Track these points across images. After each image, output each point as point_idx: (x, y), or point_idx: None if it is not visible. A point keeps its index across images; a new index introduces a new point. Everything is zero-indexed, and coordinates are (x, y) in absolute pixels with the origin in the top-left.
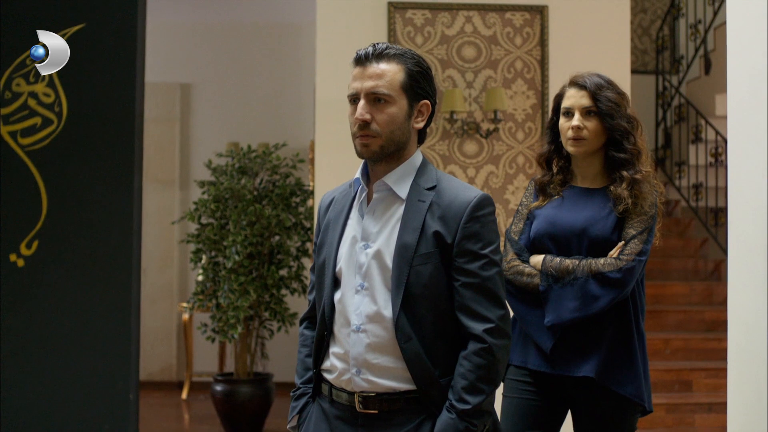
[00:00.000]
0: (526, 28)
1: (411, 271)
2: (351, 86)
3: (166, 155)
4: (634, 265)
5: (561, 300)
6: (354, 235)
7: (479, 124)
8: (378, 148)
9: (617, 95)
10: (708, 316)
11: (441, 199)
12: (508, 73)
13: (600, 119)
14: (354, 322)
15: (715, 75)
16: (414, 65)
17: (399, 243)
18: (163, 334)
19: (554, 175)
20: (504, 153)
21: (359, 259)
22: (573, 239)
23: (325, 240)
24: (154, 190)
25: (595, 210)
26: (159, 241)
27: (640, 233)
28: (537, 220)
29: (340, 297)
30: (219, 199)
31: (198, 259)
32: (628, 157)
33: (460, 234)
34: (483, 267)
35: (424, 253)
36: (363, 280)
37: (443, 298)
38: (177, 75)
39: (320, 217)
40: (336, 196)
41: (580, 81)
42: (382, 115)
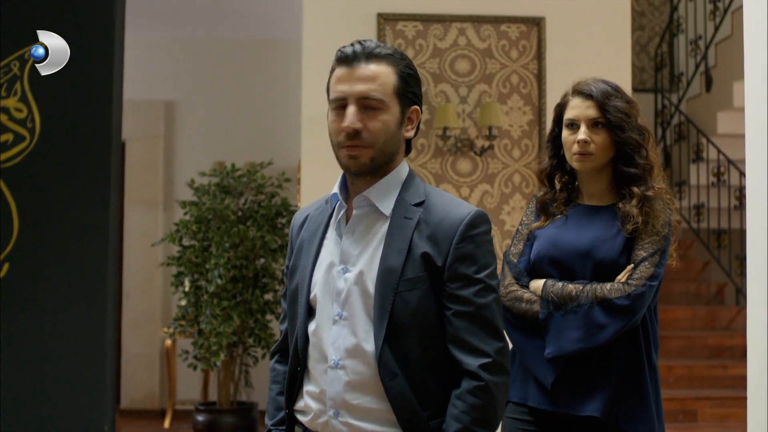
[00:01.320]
0: (523, 40)
1: (396, 298)
2: (335, 89)
3: (149, 175)
4: (644, 290)
5: (563, 329)
6: (331, 258)
7: (473, 141)
8: (368, 160)
9: (626, 104)
10: (712, 341)
11: (430, 217)
12: (504, 88)
13: (609, 132)
14: (331, 357)
15: (716, 92)
16: (405, 67)
17: (382, 266)
18: (146, 361)
19: (557, 192)
20: (499, 171)
21: (337, 284)
22: (577, 262)
23: (298, 263)
24: (136, 211)
25: (602, 230)
26: (141, 263)
27: (651, 255)
28: (538, 241)
29: (315, 328)
30: (201, 219)
31: (179, 282)
32: (639, 172)
33: (452, 256)
34: (478, 293)
35: (411, 278)
36: (342, 308)
37: (433, 328)
38: (161, 92)
39: (293, 238)
40: (311, 213)
41: (586, 89)
42: (374, 122)
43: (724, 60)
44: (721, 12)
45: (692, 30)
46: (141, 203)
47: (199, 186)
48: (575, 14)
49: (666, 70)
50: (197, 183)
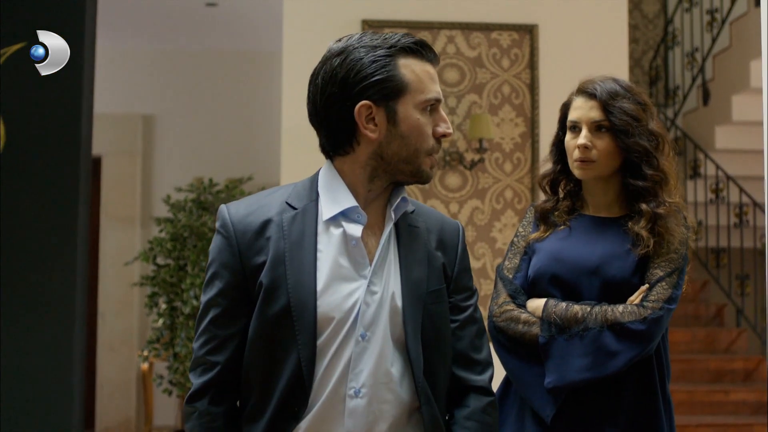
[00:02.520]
0: (514, 49)
1: (424, 313)
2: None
3: (126, 191)
4: (661, 314)
5: (567, 356)
6: (343, 271)
7: (463, 154)
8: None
9: (636, 106)
10: (712, 365)
11: (431, 226)
12: (495, 99)
13: (613, 136)
14: (350, 384)
15: (714, 106)
16: None
17: (407, 278)
18: (122, 385)
19: (560, 200)
20: (490, 186)
21: (362, 299)
22: (583, 280)
23: (280, 281)
24: (113, 229)
25: (612, 244)
26: (118, 283)
27: (668, 275)
28: (538, 255)
29: (329, 353)
30: (177, 237)
31: (153, 303)
32: (648, 185)
33: (458, 266)
34: (476, 305)
35: (436, 290)
36: (366, 328)
37: (448, 345)
38: (139, 105)
39: (241, 247)
40: (274, 218)
41: (590, 88)
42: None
43: (722, 72)
44: (718, 23)
45: (688, 42)
46: (118, 220)
47: (176, 202)
48: (570, 21)
49: (661, 84)
50: (174, 199)
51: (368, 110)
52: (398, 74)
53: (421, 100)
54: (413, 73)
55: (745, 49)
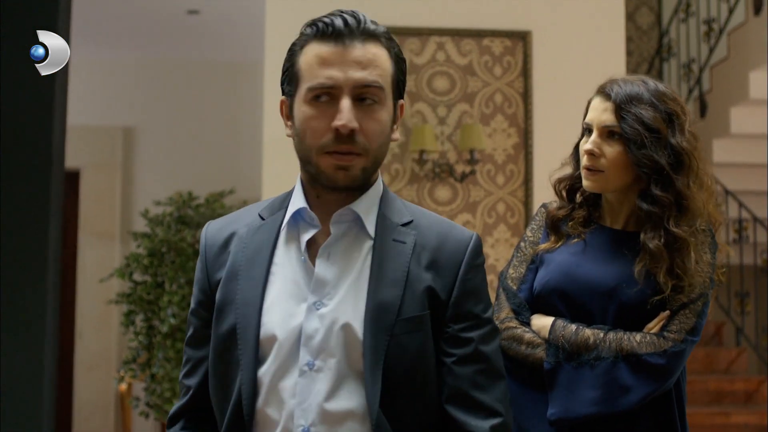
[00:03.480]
0: (507, 56)
1: (391, 344)
2: (319, 73)
3: (105, 205)
4: (683, 348)
5: (575, 386)
6: (294, 289)
7: (453, 165)
8: (360, 171)
9: (657, 114)
10: (712, 386)
11: (426, 240)
12: (486, 108)
13: (624, 146)
14: (298, 421)
15: (711, 118)
16: (398, 50)
17: (373, 302)
18: (100, 406)
19: (575, 208)
20: (482, 200)
21: (308, 323)
22: (595, 301)
23: (232, 296)
24: (91, 244)
25: (631, 264)
26: (96, 301)
27: (692, 302)
28: (546, 267)
29: (269, 382)
30: (154, 253)
31: (130, 321)
32: (652, 210)
33: (458, 289)
34: (486, 337)
35: (411, 318)
36: (313, 356)
37: (430, 382)
38: (119, 117)
39: (209, 261)
40: (239, 230)
41: (608, 88)
42: (371, 122)
43: (719, 84)
44: (716, 33)
45: (684, 53)
46: (96, 236)
47: (154, 216)
48: (564, 27)
49: None
50: (152, 213)
51: (283, 106)
52: (296, 63)
53: (306, 89)
54: (305, 58)
55: (744, 60)
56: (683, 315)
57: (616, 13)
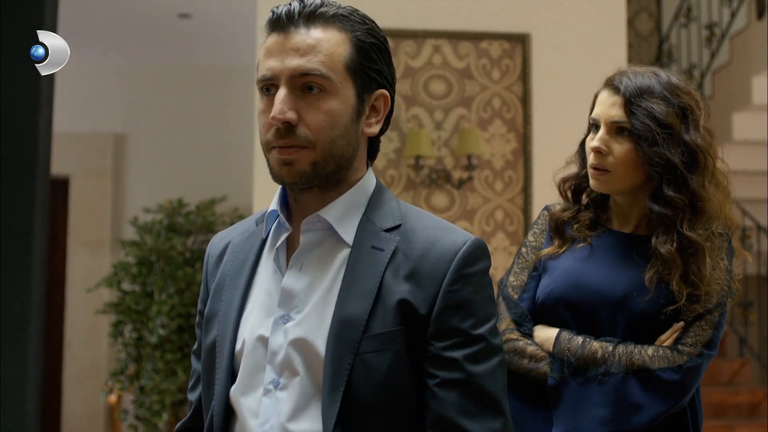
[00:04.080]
0: (505, 59)
1: (356, 363)
2: (263, 66)
3: (95, 213)
4: (700, 363)
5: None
6: (267, 301)
7: (450, 171)
8: (308, 167)
9: (670, 108)
10: (715, 398)
11: (410, 247)
12: (484, 112)
13: (634, 143)
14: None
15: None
16: (365, 33)
17: (338, 316)
18: (89, 419)
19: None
20: (479, 207)
21: (273, 339)
22: (604, 312)
23: (217, 308)
24: (81, 253)
25: (643, 270)
26: (85, 311)
27: (709, 312)
28: (550, 274)
29: (239, 399)
30: (144, 261)
31: (118, 332)
32: (665, 212)
33: (441, 302)
34: (477, 356)
35: (380, 334)
36: (278, 373)
37: (406, 407)
38: (109, 124)
39: (208, 273)
40: (233, 239)
41: (617, 81)
42: (316, 113)
43: (722, 90)
44: (718, 38)
45: (685, 59)
46: (86, 244)
47: (143, 224)
48: (564, 30)
49: None
50: (142, 220)
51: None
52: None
53: (257, 80)
54: (262, 51)
55: (747, 65)
56: (699, 327)
57: (617, 15)
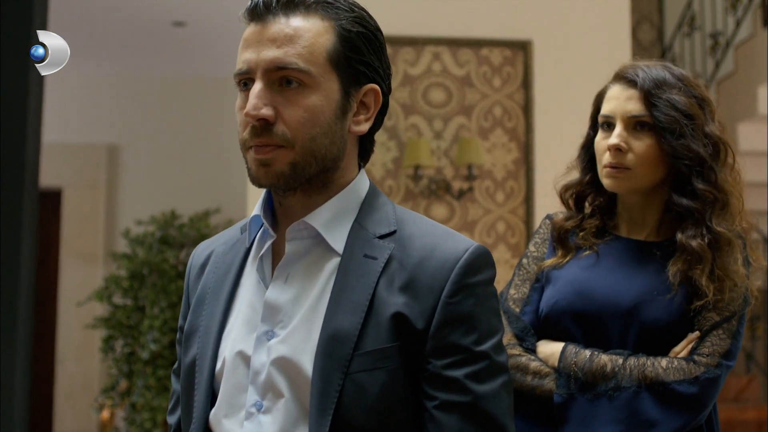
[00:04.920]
0: (507, 66)
1: (347, 383)
2: (239, 59)
3: (88, 226)
4: (718, 374)
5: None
6: (250, 316)
7: (450, 182)
8: (287, 167)
9: (690, 99)
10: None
11: (406, 255)
12: (485, 121)
13: (656, 137)
14: None
15: None
16: (352, 22)
17: (326, 331)
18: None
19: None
20: (480, 218)
21: (256, 357)
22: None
23: (197, 324)
24: (73, 266)
25: (654, 278)
26: (78, 325)
27: (726, 320)
28: (554, 285)
29: (221, 422)
30: (135, 275)
31: (109, 347)
32: (694, 206)
33: (440, 316)
34: (480, 375)
35: (373, 351)
36: (261, 395)
37: (403, 431)
38: (102, 135)
39: (189, 286)
40: (216, 249)
41: (630, 73)
42: (294, 109)
43: (726, 100)
44: (722, 47)
45: (689, 69)
46: (79, 257)
47: (136, 237)
48: (566, 37)
49: None
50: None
51: None
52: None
53: (233, 76)
54: (240, 43)
55: (752, 74)
56: (716, 336)
57: (621, 21)
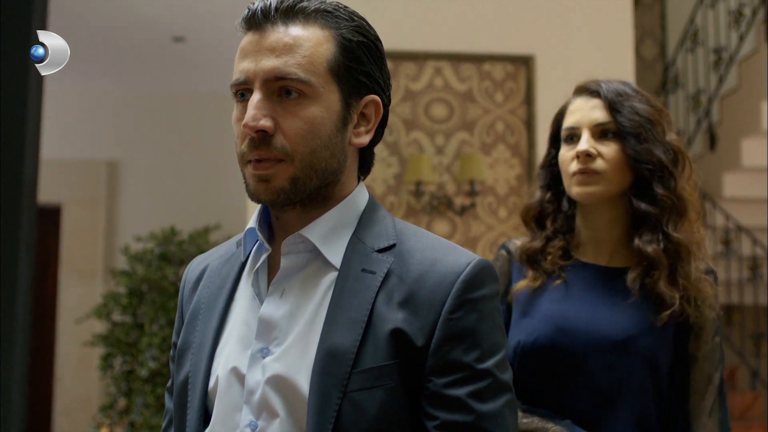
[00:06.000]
0: (509, 82)
1: (344, 403)
2: (236, 68)
3: (88, 242)
4: None
5: None
6: (245, 333)
7: (452, 198)
8: (287, 182)
9: (651, 108)
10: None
11: (405, 269)
12: (487, 137)
13: (621, 143)
14: None
15: (722, 151)
16: (352, 31)
17: (323, 348)
18: None
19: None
20: (482, 235)
21: (250, 376)
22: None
23: (191, 340)
24: (73, 283)
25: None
26: (77, 342)
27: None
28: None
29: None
30: (134, 291)
31: (108, 365)
32: (653, 211)
33: (441, 332)
34: (482, 394)
35: (371, 369)
36: (255, 415)
37: None
38: (102, 151)
39: (183, 302)
40: (211, 263)
41: (592, 86)
42: (294, 120)
43: (730, 115)
44: (726, 62)
45: (692, 84)
46: (78, 274)
47: (135, 253)
48: (569, 51)
49: None
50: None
51: None
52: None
53: (230, 87)
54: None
55: (756, 89)
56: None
57: (624, 36)
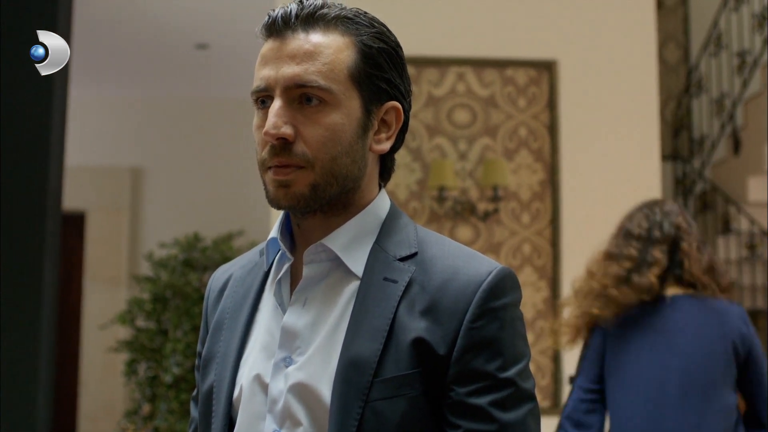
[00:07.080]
0: (532, 87)
1: (366, 411)
2: (257, 75)
3: (112, 249)
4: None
5: None
6: (268, 342)
7: (475, 203)
8: (307, 189)
9: None
10: None
11: (427, 277)
12: (510, 142)
13: None
14: None
15: (746, 155)
16: (373, 38)
17: (345, 358)
18: None
19: None
20: (506, 240)
21: (273, 385)
22: None
23: (215, 350)
24: (97, 289)
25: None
26: (101, 348)
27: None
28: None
29: None
30: (158, 297)
31: (132, 371)
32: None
33: (463, 341)
34: (505, 403)
35: (393, 378)
36: (279, 423)
37: None
38: (126, 158)
39: (207, 312)
40: (235, 273)
41: None
42: (314, 127)
43: (754, 119)
44: (750, 66)
45: (716, 88)
46: (102, 281)
47: (159, 260)
48: (592, 56)
49: (685, 135)
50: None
51: None
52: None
53: (251, 94)
54: (258, 60)
55: None
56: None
57: (647, 41)
